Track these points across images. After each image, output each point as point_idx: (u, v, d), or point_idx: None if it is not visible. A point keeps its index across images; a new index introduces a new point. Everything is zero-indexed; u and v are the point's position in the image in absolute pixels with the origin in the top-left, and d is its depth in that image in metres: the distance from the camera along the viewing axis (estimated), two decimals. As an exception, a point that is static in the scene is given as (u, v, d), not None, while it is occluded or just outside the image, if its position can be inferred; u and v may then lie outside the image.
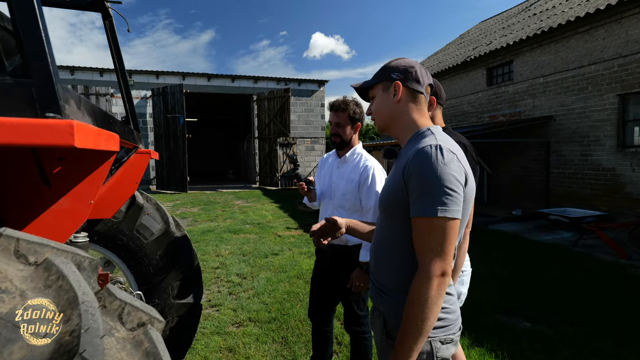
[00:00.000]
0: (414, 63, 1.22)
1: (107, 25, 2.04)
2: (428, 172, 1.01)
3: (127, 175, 1.92)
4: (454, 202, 1.00)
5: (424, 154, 1.03)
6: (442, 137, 1.12)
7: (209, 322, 3.31)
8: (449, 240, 1.00)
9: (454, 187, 1.00)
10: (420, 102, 1.21)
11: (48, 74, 0.78)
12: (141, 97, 14.56)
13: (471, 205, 1.12)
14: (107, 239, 2.00)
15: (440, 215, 0.99)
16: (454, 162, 1.02)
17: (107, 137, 0.93)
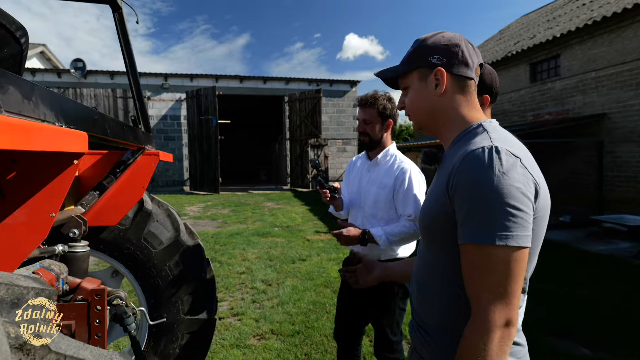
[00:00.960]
0: (458, 38, 0.93)
1: (116, 18, 1.90)
2: (480, 185, 0.75)
3: (133, 178, 1.76)
4: (520, 225, 0.72)
5: (474, 160, 0.77)
6: (500, 135, 0.84)
7: (230, 332, 3.14)
8: (514, 278, 0.73)
9: (519, 203, 0.73)
10: (470, 91, 0.94)
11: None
12: (176, 99, 14.86)
13: (545, 224, 0.83)
14: (114, 248, 1.85)
15: (500, 244, 0.72)
16: (516, 168, 0.75)
17: (57, 135, 0.73)
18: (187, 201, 11.91)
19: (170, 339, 1.93)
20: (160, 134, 14.77)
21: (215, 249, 5.92)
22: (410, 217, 1.78)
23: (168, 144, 14.90)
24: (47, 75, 13.74)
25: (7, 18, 1.25)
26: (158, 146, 14.52)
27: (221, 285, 4.29)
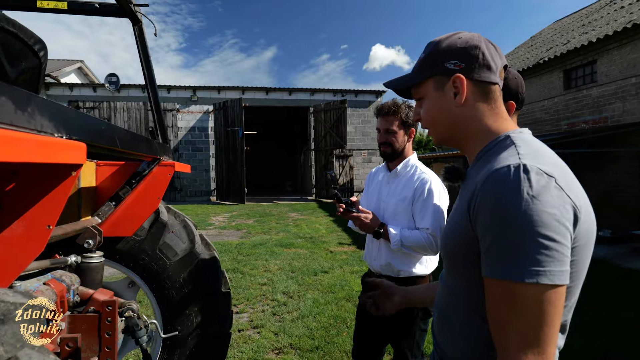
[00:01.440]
0: (477, 39, 0.82)
1: (136, 31, 1.93)
2: (506, 211, 0.64)
3: (149, 189, 1.76)
4: (554, 259, 0.61)
5: (499, 181, 0.67)
6: (531, 149, 0.73)
7: (248, 346, 3.09)
8: (549, 322, 0.62)
9: (553, 233, 0.62)
10: (495, 97, 0.82)
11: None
12: (204, 111, 15.23)
13: (589, 252, 0.71)
14: (129, 259, 1.84)
15: (530, 282, 0.61)
16: (549, 190, 0.64)
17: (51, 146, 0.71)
18: (213, 211, 12.09)
19: (184, 353, 1.90)
20: (188, 145, 15.14)
21: (238, 260, 5.93)
22: (428, 231, 1.68)
23: (196, 155, 15.24)
24: (84, 90, 14.42)
25: (25, 32, 1.28)
26: (186, 157, 14.93)
27: (242, 297, 4.27)
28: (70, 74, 16.33)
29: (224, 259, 5.96)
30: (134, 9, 1.82)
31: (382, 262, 1.81)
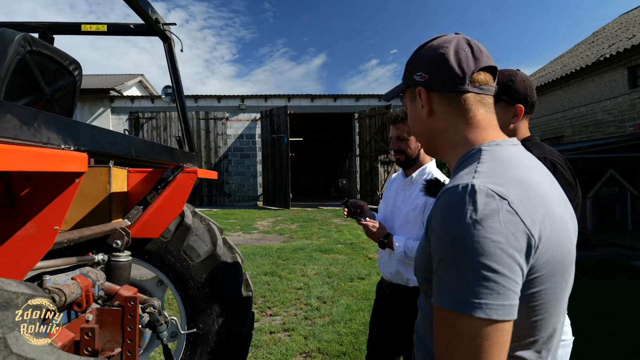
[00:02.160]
0: (446, 44, 0.77)
1: (166, 48, 2.09)
2: (447, 236, 0.61)
3: (173, 194, 1.89)
4: (494, 292, 0.56)
5: (446, 202, 0.64)
6: (494, 164, 0.68)
7: (277, 348, 3.16)
8: (484, 357, 0.57)
9: (495, 263, 0.56)
10: (468, 107, 0.77)
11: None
12: (251, 119, 15.77)
13: (563, 281, 0.66)
14: (157, 259, 1.98)
15: (463, 313, 0.57)
16: (497, 215, 0.58)
17: (52, 157, 0.81)
18: (259, 216, 12.44)
19: (205, 350, 2.00)
20: (237, 152, 15.74)
21: (277, 263, 6.07)
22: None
23: (244, 161, 15.80)
24: (143, 101, 15.52)
25: (60, 54, 1.45)
26: (235, 163, 15.52)
27: (277, 300, 4.37)
28: (132, 87, 17.66)
29: (264, 262, 6.13)
30: (163, 28, 1.97)
31: (392, 270, 1.80)
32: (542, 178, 0.71)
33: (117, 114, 15.33)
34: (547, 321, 0.65)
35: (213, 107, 15.59)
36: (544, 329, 0.66)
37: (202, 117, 15.34)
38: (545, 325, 0.65)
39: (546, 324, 0.65)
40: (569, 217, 0.71)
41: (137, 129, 15.26)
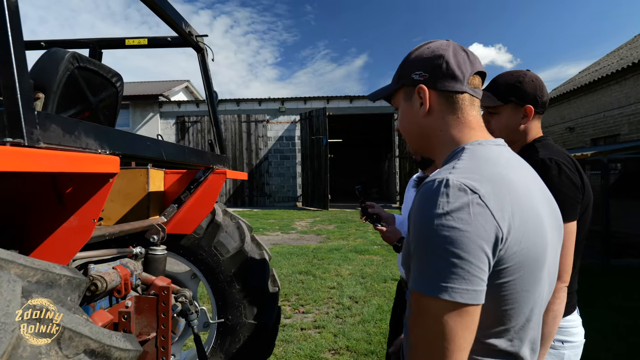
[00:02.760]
0: (444, 48, 0.82)
1: (199, 57, 2.25)
2: (421, 225, 0.66)
3: (204, 194, 2.04)
4: (460, 277, 0.61)
5: (422, 195, 0.68)
6: (472, 162, 0.73)
7: (307, 344, 3.26)
8: (449, 338, 0.62)
9: (461, 251, 0.61)
10: (462, 107, 0.81)
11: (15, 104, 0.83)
12: (291, 121, 16.08)
13: (533, 274, 0.69)
14: (190, 253, 2.15)
15: (430, 295, 0.62)
16: (468, 207, 0.63)
17: (89, 160, 0.95)
18: (298, 216, 12.66)
19: (234, 340, 2.13)
20: (277, 154, 16.10)
21: (313, 263, 6.18)
22: None
23: (283, 163, 16.13)
24: (189, 106, 16.28)
25: (104, 68, 1.63)
26: (275, 164, 15.89)
27: (310, 298, 4.47)
28: (179, 92, 18.59)
29: (300, 261, 6.26)
30: (196, 40, 2.13)
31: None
32: (520, 176, 0.74)
33: (165, 118, 16.20)
34: (518, 311, 0.69)
35: (254, 110, 16.06)
36: (514, 319, 0.69)
37: (243, 120, 15.86)
38: (516, 314, 0.69)
39: (516, 313, 0.69)
40: (546, 214, 0.74)
41: (183, 133, 16.04)
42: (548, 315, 1.10)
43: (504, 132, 1.31)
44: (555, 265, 0.78)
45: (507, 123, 1.30)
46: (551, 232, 0.74)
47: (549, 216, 0.75)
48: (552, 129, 15.53)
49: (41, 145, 0.86)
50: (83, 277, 0.96)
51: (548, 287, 0.76)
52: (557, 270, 0.80)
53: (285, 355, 3.06)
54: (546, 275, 0.73)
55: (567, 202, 1.11)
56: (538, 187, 0.78)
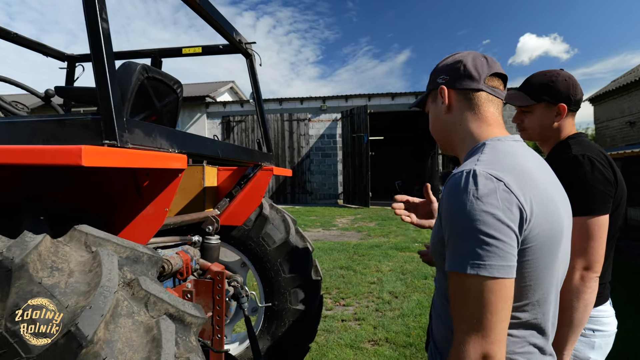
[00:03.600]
0: (464, 55, 0.94)
1: (248, 63, 2.43)
2: (454, 211, 0.75)
3: (253, 189, 2.22)
4: (494, 254, 0.70)
5: (452, 185, 0.77)
6: (494, 155, 0.81)
7: (347, 334, 3.39)
8: (491, 309, 0.70)
9: (494, 231, 0.70)
10: (479, 103, 0.91)
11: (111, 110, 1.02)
12: (332, 119, 16.22)
13: (554, 252, 0.78)
14: (240, 243, 2.34)
15: (472, 273, 0.71)
16: (495, 193, 0.71)
17: (164, 157, 1.14)
18: (339, 213, 12.80)
19: (280, 324, 2.31)
20: (318, 152, 16.32)
21: (353, 259, 6.30)
22: None
23: (325, 161, 16.32)
24: (234, 106, 16.89)
25: (167, 77, 1.84)
26: (316, 162, 16.12)
27: (350, 292, 4.60)
28: (224, 93, 19.32)
29: (340, 257, 6.40)
30: (245, 47, 2.32)
31: None
32: (536, 167, 0.83)
33: (212, 118, 16.92)
34: (538, 287, 0.78)
35: (296, 109, 16.37)
36: (535, 294, 0.78)
37: (286, 119, 16.22)
38: (536, 290, 0.78)
39: (536, 289, 0.78)
40: (560, 200, 0.82)
41: (229, 132, 16.67)
42: (579, 303, 1.15)
43: (538, 130, 1.36)
44: (569, 248, 0.87)
45: (540, 121, 1.35)
46: (566, 217, 0.82)
47: (563, 203, 0.84)
48: (609, 123, 14.55)
49: (129, 145, 1.06)
50: (160, 256, 1.15)
51: (563, 268, 0.84)
52: (569, 252, 0.87)
53: (327, 344, 3.21)
54: (562, 256, 0.81)
55: (598, 196, 1.16)
56: (550, 177, 0.87)
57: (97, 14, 1.02)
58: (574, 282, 1.13)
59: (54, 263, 0.91)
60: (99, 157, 0.88)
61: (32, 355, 0.80)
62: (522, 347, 0.80)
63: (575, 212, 1.10)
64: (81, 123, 1.03)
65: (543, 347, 0.82)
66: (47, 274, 0.87)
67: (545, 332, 0.82)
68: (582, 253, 1.13)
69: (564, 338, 1.15)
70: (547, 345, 0.83)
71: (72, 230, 1.01)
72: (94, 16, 1.02)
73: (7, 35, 2.25)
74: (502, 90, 0.94)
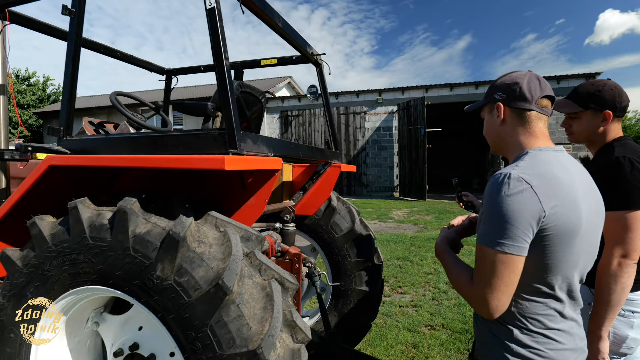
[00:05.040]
0: (521, 77, 1.14)
1: (318, 71, 2.75)
2: (490, 201, 1.01)
3: (323, 184, 2.55)
4: (509, 237, 0.96)
5: (493, 182, 1.02)
6: (531, 162, 1.04)
7: (405, 318, 3.64)
8: (499, 275, 0.98)
9: (513, 220, 0.95)
10: (530, 121, 1.13)
11: (232, 127, 1.38)
12: (388, 112, 16.22)
13: (569, 244, 1.00)
14: (312, 231, 2.69)
15: (489, 246, 0.99)
16: (522, 193, 0.96)
17: (266, 161, 1.48)
18: (395, 206, 12.89)
19: (345, 302, 2.63)
20: (374, 144, 16.43)
21: (410, 250, 6.47)
22: None
23: (381, 153, 16.39)
24: (291, 101, 17.48)
25: (254, 89, 2.21)
26: (372, 155, 16.26)
27: (408, 281, 4.82)
28: (282, 88, 20.02)
29: (397, 248, 6.60)
30: (315, 58, 2.63)
31: None
32: (567, 174, 1.05)
33: (270, 113, 17.65)
34: (556, 265, 1.02)
35: (352, 102, 16.58)
36: (553, 270, 1.02)
37: (342, 112, 16.50)
38: (554, 267, 1.02)
39: (554, 267, 1.02)
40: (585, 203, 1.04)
41: (287, 126, 17.31)
42: (617, 286, 1.33)
43: (585, 134, 1.53)
44: (595, 240, 1.07)
45: (587, 126, 1.51)
46: (589, 216, 1.03)
47: (590, 205, 1.05)
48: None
49: (245, 153, 1.41)
50: (263, 236, 1.50)
51: (585, 256, 1.06)
52: (597, 244, 1.08)
53: (385, 326, 3.49)
54: (580, 245, 1.03)
55: (637, 193, 1.31)
56: (583, 184, 1.08)
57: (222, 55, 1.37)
58: (612, 268, 1.31)
59: (199, 237, 1.28)
60: (235, 163, 1.23)
61: (192, 299, 1.18)
62: (544, 310, 1.04)
63: (616, 207, 1.29)
64: (211, 136, 1.40)
65: (562, 312, 1.05)
66: (196, 245, 1.25)
67: (563, 301, 1.05)
68: (620, 242, 1.30)
69: (602, 316, 1.33)
70: (566, 310, 1.06)
71: (206, 215, 1.39)
72: (220, 58, 1.37)
73: (114, 54, 2.75)
74: (550, 108, 1.16)
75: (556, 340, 1.04)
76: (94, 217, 1.32)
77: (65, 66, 1.67)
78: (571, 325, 1.07)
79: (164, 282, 1.20)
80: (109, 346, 1.57)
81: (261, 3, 1.78)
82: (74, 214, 1.33)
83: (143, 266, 1.23)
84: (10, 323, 1.44)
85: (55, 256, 1.36)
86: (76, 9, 1.64)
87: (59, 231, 1.37)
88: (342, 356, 2.29)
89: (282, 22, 2.04)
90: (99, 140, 1.67)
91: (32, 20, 2.22)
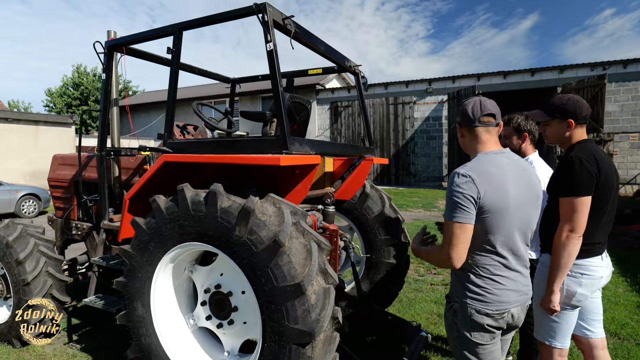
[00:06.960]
0: (467, 104, 1.62)
1: (356, 80, 3.27)
2: (448, 190, 1.54)
3: (358, 174, 3.09)
4: (460, 211, 1.46)
5: (450, 177, 1.55)
6: (476, 162, 1.55)
7: (434, 294, 4.10)
8: (457, 237, 1.47)
9: (461, 200, 1.47)
10: (477, 134, 1.61)
11: (284, 134, 1.97)
12: (438, 102, 16.16)
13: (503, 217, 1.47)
14: (348, 213, 3.24)
15: (448, 219, 1.50)
16: (466, 183, 1.47)
17: (308, 158, 2.06)
18: (442, 195, 13.01)
19: (376, 272, 3.17)
20: (423, 134, 16.49)
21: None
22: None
23: (430, 143, 16.42)
24: (341, 92, 17.94)
25: (301, 99, 2.78)
26: (421, 145, 16.38)
27: (442, 264, 5.22)
28: (332, 80, 20.49)
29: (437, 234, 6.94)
30: (354, 68, 3.15)
31: None
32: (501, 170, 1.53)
33: (321, 104, 18.25)
34: (494, 231, 1.50)
35: (401, 93, 16.70)
36: (492, 234, 1.51)
37: (391, 103, 16.70)
38: (493, 232, 1.50)
39: (493, 232, 1.50)
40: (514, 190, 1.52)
41: (336, 117, 17.83)
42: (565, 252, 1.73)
43: (555, 137, 1.93)
44: (528, 215, 1.56)
45: (556, 131, 1.91)
46: (517, 198, 1.51)
47: (519, 190, 1.53)
48: None
49: (293, 152, 1.99)
50: (306, 212, 2.09)
51: (519, 225, 1.54)
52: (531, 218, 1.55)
53: (415, 299, 3.98)
54: (512, 218, 1.51)
55: (584, 184, 1.72)
56: (514, 175, 1.55)
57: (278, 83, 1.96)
58: (562, 239, 1.73)
59: (263, 210, 1.89)
60: (287, 160, 1.83)
61: (258, 250, 1.79)
62: (489, 262, 1.53)
63: (567, 194, 1.72)
64: (270, 140, 2.00)
65: (506, 264, 1.54)
66: (261, 215, 1.86)
67: (505, 257, 1.53)
68: (569, 220, 1.72)
69: (554, 275, 1.76)
70: (511, 264, 1.54)
71: (267, 195, 2.00)
72: (276, 85, 1.96)
73: (193, 70, 3.45)
74: (493, 121, 1.62)
75: (500, 283, 1.53)
76: (194, 196, 1.98)
77: (169, 90, 2.35)
78: (515, 275, 1.55)
79: (241, 239, 1.83)
80: (199, 286, 2.25)
81: (307, 35, 2.34)
82: (181, 193, 2.00)
83: (227, 229, 1.86)
84: (139, 266, 2.17)
85: (169, 222, 2.05)
86: (175, 48, 2.31)
87: (171, 205, 2.05)
88: (373, 315, 2.84)
89: (324, 46, 2.59)
90: (192, 142, 2.34)
91: (142, 52, 2.98)
